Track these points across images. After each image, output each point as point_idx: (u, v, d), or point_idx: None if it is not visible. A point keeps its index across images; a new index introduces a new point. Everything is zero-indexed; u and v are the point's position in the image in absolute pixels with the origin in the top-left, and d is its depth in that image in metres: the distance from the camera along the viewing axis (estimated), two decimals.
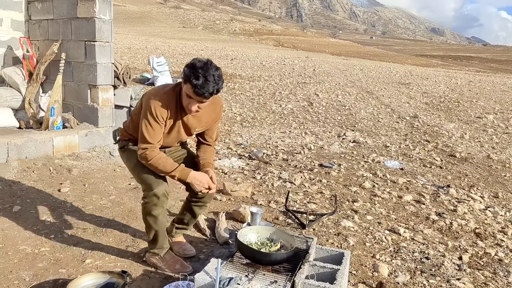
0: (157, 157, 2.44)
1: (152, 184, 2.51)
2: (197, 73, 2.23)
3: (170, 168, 2.44)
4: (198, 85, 2.23)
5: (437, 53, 73.54)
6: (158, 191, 2.50)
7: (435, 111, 10.84)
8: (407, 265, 2.92)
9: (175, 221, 2.96)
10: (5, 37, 5.32)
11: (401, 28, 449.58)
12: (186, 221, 2.90)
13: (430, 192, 4.52)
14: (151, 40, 40.67)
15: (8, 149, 4.25)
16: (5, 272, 2.55)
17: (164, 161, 2.45)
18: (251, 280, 2.19)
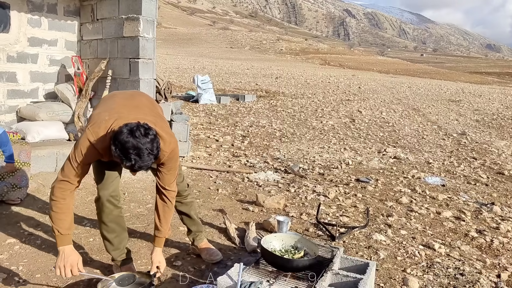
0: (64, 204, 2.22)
1: (98, 187, 2.51)
2: (127, 155, 1.99)
3: (61, 225, 2.21)
4: (130, 166, 2.03)
5: (493, 70, 70.60)
6: (102, 195, 2.50)
7: (485, 129, 10.42)
8: (440, 280, 2.82)
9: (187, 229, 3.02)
10: (59, 56, 5.74)
11: (454, 45, 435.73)
12: (188, 225, 2.98)
13: (471, 209, 4.34)
14: (199, 60, 42.06)
15: (57, 158, 4.55)
16: (45, 270, 2.72)
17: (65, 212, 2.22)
18: (272, 285, 2.22)
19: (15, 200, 3.81)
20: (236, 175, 5.17)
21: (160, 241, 2.48)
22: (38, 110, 5.20)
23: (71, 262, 2.20)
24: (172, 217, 2.61)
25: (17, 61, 5.36)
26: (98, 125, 2.18)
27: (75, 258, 2.22)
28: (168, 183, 2.44)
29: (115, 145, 2.00)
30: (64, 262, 2.19)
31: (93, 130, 2.18)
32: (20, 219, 3.52)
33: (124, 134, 1.99)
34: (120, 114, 2.22)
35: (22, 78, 5.44)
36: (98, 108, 2.41)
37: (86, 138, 2.18)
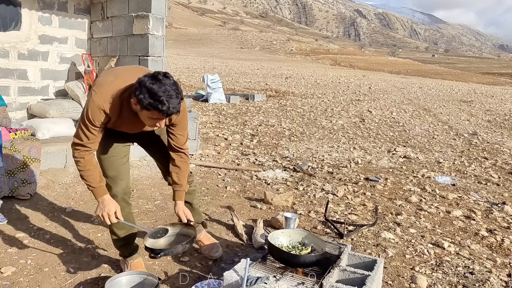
0: (86, 162, 2.27)
1: (110, 183, 2.47)
2: (159, 99, 2.00)
3: (92, 179, 2.30)
4: (166, 110, 2.03)
5: (506, 71, 69.63)
6: (116, 192, 2.48)
7: (497, 129, 10.28)
8: (449, 278, 2.79)
9: None
10: (70, 54, 5.79)
11: (466, 46, 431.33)
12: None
13: (482, 209, 4.28)
14: (209, 61, 42.13)
15: (67, 155, 4.58)
16: (54, 264, 2.74)
17: (92, 168, 2.29)
18: (278, 281, 2.21)
19: (25, 196, 3.85)
20: (245, 173, 5.17)
21: (181, 195, 2.56)
22: (48, 107, 5.25)
23: (108, 210, 2.29)
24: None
25: (28, 59, 5.41)
26: (103, 86, 2.19)
27: (113, 207, 2.32)
28: (182, 144, 2.50)
29: (143, 94, 2.00)
30: (103, 210, 2.29)
31: (98, 90, 2.18)
32: (30, 214, 3.55)
33: (148, 81, 2.01)
34: (126, 77, 2.23)
35: (32, 75, 5.49)
36: (102, 75, 2.40)
37: (91, 100, 2.17)
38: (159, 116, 2.08)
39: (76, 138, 2.26)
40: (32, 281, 2.52)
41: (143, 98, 2.01)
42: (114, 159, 2.52)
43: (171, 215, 3.70)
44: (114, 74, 2.33)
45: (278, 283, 2.18)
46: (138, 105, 2.07)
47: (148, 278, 2.41)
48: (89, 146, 2.26)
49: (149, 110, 2.05)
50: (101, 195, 2.32)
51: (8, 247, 2.94)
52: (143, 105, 2.03)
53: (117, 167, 2.54)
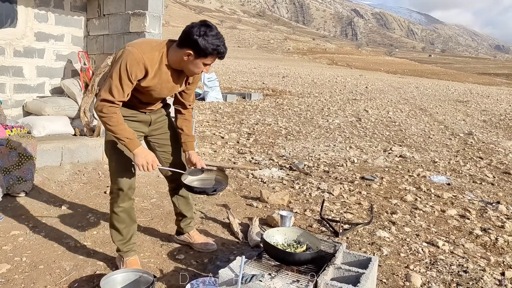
0: (118, 117, 2.28)
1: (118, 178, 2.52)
2: (220, 43, 2.21)
3: (126, 133, 2.30)
4: (224, 52, 2.26)
5: (502, 71, 69.99)
6: (123, 186, 2.52)
7: (492, 129, 10.33)
8: (443, 277, 2.80)
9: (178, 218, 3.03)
10: (66, 51, 5.77)
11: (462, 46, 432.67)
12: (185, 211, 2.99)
13: (477, 208, 4.31)
14: None
15: (62, 153, 4.57)
16: (49, 261, 2.74)
17: (123, 123, 2.31)
18: (274, 278, 2.21)
19: (20, 193, 3.84)
20: (241, 171, 5.17)
21: (192, 145, 2.72)
22: (44, 105, 5.23)
23: (147, 159, 2.34)
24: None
25: (23, 56, 5.39)
26: (138, 43, 2.28)
27: (151, 155, 2.38)
28: (192, 99, 2.73)
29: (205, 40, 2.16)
30: (143, 160, 2.33)
31: (135, 45, 2.24)
32: (25, 211, 3.54)
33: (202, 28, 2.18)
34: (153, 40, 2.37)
35: (28, 72, 5.47)
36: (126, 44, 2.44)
37: (130, 53, 2.20)
38: (213, 60, 2.26)
39: (107, 93, 2.23)
40: (27, 278, 2.52)
41: (206, 44, 2.17)
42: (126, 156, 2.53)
43: (167, 213, 3.70)
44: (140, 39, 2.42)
45: (273, 281, 2.19)
46: (194, 54, 2.21)
47: (143, 275, 2.41)
48: (120, 101, 2.27)
49: (207, 56, 2.22)
50: (138, 145, 2.34)
51: (3, 244, 2.93)
52: (207, 51, 2.19)
53: (127, 162, 2.55)
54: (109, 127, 2.28)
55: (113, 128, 2.27)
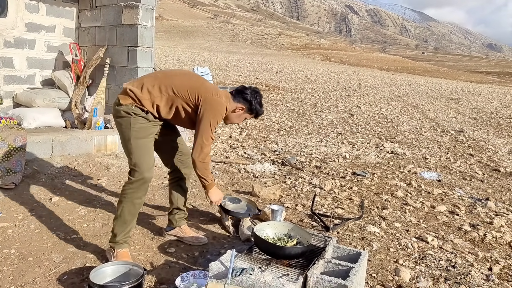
0: (209, 158, 2.72)
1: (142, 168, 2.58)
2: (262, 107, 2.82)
3: (209, 174, 2.75)
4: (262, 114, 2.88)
5: (494, 70, 70.35)
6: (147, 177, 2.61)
7: (483, 127, 10.41)
8: (431, 272, 2.83)
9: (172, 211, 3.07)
10: (57, 42, 5.71)
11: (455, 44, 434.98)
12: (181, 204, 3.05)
13: (466, 204, 4.35)
14: (200, 53, 41.86)
15: (53, 145, 4.53)
16: (38, 254, 2.72)
17: (209, 166, 2.75)
18: (264, 272, 2.22)
19: (9, 185, 3.80)
20: (233, 166, 5.17)
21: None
22: (35, 97, 5.18)
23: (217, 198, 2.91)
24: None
25: (14, 47, 5.33)
26: (219, 92, 2.70)
27: (221, 194, 2.93)
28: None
29: (257, 103, 2.77)
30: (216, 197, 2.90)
31: (220, 96, 2.66)
32: (14, 204, 3.51)
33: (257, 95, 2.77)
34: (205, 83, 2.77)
35: (19, 63, 5.41)
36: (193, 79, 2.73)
37: (222, 106, 2.65)
38: (251, 117, 2.85)
39: (210, 136, 2.63)
40: (15, 270, 2.50)
41: (257, 107, 2.77)
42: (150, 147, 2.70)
43: (157, 206, 3.69)
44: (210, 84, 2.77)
45: (263, 274, 2.19)
46: (244, 110, 2.76)
47: (133, 268, 2.41)
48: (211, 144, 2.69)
49: (252, 114, 2.80)
50: (213, 186, 2.85)
51: None
52: (254, 111, 2.78)
53: (151, 155, 2.69)
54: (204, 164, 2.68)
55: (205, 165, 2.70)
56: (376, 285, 2.59)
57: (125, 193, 2.63)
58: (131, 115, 2.60)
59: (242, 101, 2.73)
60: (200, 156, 2.62)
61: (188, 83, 2.64)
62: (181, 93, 2.60)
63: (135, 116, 2.60)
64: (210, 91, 2.62)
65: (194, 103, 2.61)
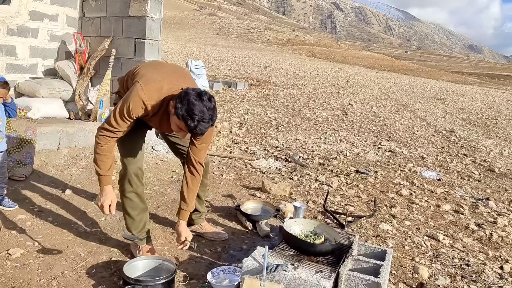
0: (107, 147, 2.33)
1: (125, 162, 2.53)
2: (192, 116, 2.11)
3: (103, 167, 2.34)
4: (193, 127, 2.15)
5: (474, 71, 71.74)
6: (130, 169, 2.52)
7: (472, 127, 10.65)
8: (447, 269, 2.92)
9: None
10: (60, 32, 5.61)
11: (437, 44, 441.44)
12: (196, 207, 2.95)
13: (468, 204, 4.47)
14: (186, 46, 41.54)
15: (60, 137, 4.47)
16: (62, 247, 2.71)
17: (108, 156, 2.34)
18: (297, 268, 2.26)
19: (20, 177, 3.75)
20: (238, 161, 5.19)
21: (185, 215, 2.55)
22: (39, 86, 5.09)
23: (105, 200, 2.33)
24: None
25: (17, 35, 5.22)
26: (150, 84, 2.27)
27: (109, 198, 2.34)
28: (200, 157, 2.51)
29: (182, 104, 2.11)
30: (101, 200, 2.34)
31: (145, 86, 2.25)
32: (28, 195, 3.47)
33: (192, 96, 2.12)
34: (171, 79, 2.35)
35: (21, 52, 5.30)
36: (146, 69, 2.45)
37: (137, 94, 2.24)
38: (184, 128, 2.19)
39: (107, 124, 2.30)
40: (42, 263, 2.49)
41: (180, 107, 2.12)
42: (132, 140, 2.55)
43: (172, 200, 3.70)
44: (160, 72, 2.41)
45: (297, 271, 2.24)
46: (173, 110, 2.17)
47: (164, 263, 2.43)
48: (116, 133, 2.32)
49: (179, 119, 2.15)
50: (105, 184, 2.36)
51: (11, 228, 2.87)
52: (177, 113, 2.14)
53: (134, 148, 2.57)
54: (95, 153, 2.35)
55: (96, 155, 2.34)
56: (398, 282, 2.66)
57: (119, 189, 2.63)
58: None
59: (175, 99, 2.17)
60: (96, 137, 2.33)
61: (143, 68, 2.46)
62: (132, 78, 2.43)
63: None
64: (142, 78, 2.29)
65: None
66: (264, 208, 3.48)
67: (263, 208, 3.49)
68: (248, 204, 3.49)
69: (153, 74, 2.35)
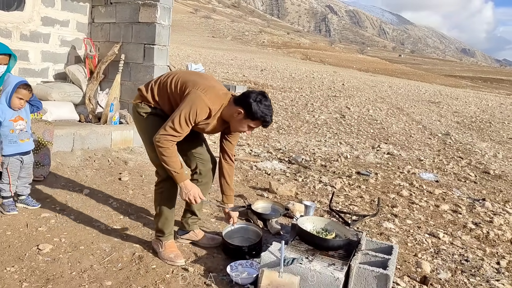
0: (173, 150, 2.50)
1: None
2: (269, 113, 2.49)
3: (177, 166, 2.51)
4: (268, 123, 2.55)
5: (467, 74, 72.46)
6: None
7: (466, 130, 10.91)
8: (448, 265, 3.12)
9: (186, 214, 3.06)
10: (70, 37, 5.77)
11: (431, 47, 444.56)
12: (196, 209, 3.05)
13: (466, 204, 4.68)
14: (182, 48, 41.61)
15: (74, 139, 4.63)
16: (87, 242, 2.87)
17: (176, 156, 2.53)
18: (312, 261, 2.45)
19: (39, 177, 3.90)
20: (244, 163, 5.37)
21: (232, 199, 2.93)
22: (51, 90, 5.25)
23: (193, 193, 2.57)
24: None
25: (29, 40, 5.38)
26: (211, 90, 2.50)
27: (196, 189, 2.60)
28: (232, 149, 2.88)
29: (258, 106, 2.44)
30: (189, 194, 2.57)
31: (206, 92, 2.47)
32: (48, 195, 3.63)
33: (260, 97, 2.47)
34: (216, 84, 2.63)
35: (33, 57, 5.46)
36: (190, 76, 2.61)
37: (202, 100, 2.44)
38: (257, 126, 2.54)
39: (172, 129, 2.45)
40: (71, 257, 2.65)
41: (257, 110, 2.45)
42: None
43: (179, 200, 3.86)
44: (204, 79, 2.61)
45: (312, 264, 2.42)
46: (244, 114, 2.47)
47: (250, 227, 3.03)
48: (179, 137, 2.50)
49: (254, 120, 2.49)
50: (183, 179, 2.56)
51: (38, 226, 3.03)
52: (255, 115, 2.46)
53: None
54: (163, 157, 2.49)
55: (166, 159, 2.50)
56: (403, 276, 2.85)
57: (158, 192, 2.79)
58: (142, 115, 2.69)
59: (241, 104, 2.48)
60: (157, 137, 2.46)
61: (184, 77, 2.60)
62: (174, 85, 2.59)
63: (146, 117, 2.69)
64: (197, 86, 2.49)
65: (181, 97, 2.53)
66: (273, 207, 3.66)
67: (272, 207, 3.67)
68: (259, 203, 3.67)
69: (204, 81, 2.56)
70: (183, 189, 2.57)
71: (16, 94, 3.10)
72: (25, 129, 3.27)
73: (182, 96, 2.51)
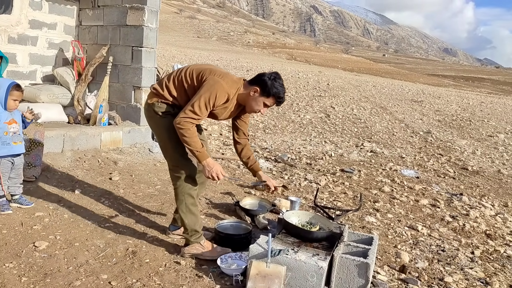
0: (194, 130, 2.62)
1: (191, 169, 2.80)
2: (283, 91, 2.68)
3: (198, 145, 2.62)
4: (282, 100, 2.74)
5: (449, 73, 73.71)
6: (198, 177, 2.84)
7: (447, 128, 11.21)
8: (425, 255, 3.31)
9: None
10: (58, 40, 5.84)
11: (414, 47, 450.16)
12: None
13: (444, 198, 4.90)
14: (167, 49, 41.51)
15: (64, 140, 4.72)
16: (81, 239, 2.98)
17: (196, 137, 2.63)
18: (297, 252, 2.60)
19: (30, 178, 3.99)
20: (231, 162, 5.51)
21: (258, 166, 3.08)
22: (39, 92, 5.31)
23: (216, 170, 2.66)
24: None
25: (17, 43, 5.43)
26: (227, 76, 2.68)
27: (218, 166, 2.69)
28: (247, 128, 3.05)
29: (273, 84, 2.63)
30: (212, 172, 2.65)
31: (224, 78, 2.64)
32: (41, 195, 3.72)
33: (272, 76, 2.65)
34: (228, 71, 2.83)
35: (21, 59, 5.52)
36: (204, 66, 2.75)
37: (221, 85, 2.60)
38: (272, 103, 2.71)
39: (192, 112, 2.57)
40: (67, 253, 2.76)
41: (272, 86, 2.63)
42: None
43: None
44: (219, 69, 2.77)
45: (297, 254, 2.57)
46: (259, 92, 2.64)
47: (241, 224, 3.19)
48: (198, 120, 2.62)
49: (269, 97, 2.66)
50: (206, 158, 2.66)
51: (32, 224, 3.13)
52: (271, 92, 2.63)
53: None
54: (184, 138, 2.60)
55: (187, 139, 2.60)
56: (383, 265, 3.03)
57: (179, 190, 2.85)
58: (160, 115, 2.76)
59: (256, 83, 2.67)
60: (177, 120, 2.58)
61: (198, 67, 2.72)
62: (190, 76, 2.69)
63: (164, 116, 2.75)
64: (214, 72, 2.65)
65: (200, 86, 2.64)
66: (261, 203, 3.81)
67: (259, 203, 3.82)
68: (246, 200, 3.82)
69: (218, 69, 2.73)
70: (206, 167, 2.65)
71: (11, 96, 3.19)
72: (18, 132, 3.36)
73: (200, 84, 2.64)
